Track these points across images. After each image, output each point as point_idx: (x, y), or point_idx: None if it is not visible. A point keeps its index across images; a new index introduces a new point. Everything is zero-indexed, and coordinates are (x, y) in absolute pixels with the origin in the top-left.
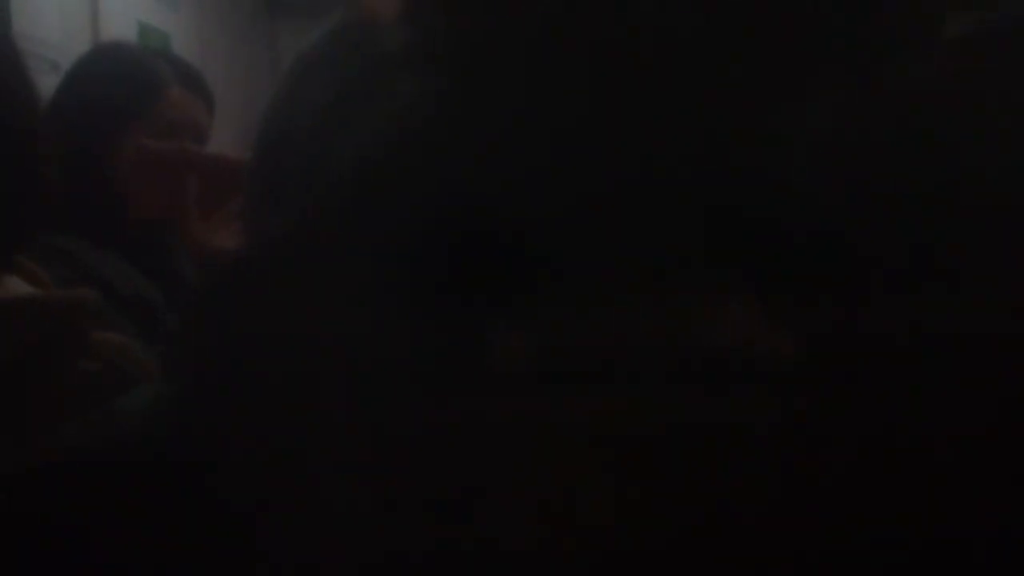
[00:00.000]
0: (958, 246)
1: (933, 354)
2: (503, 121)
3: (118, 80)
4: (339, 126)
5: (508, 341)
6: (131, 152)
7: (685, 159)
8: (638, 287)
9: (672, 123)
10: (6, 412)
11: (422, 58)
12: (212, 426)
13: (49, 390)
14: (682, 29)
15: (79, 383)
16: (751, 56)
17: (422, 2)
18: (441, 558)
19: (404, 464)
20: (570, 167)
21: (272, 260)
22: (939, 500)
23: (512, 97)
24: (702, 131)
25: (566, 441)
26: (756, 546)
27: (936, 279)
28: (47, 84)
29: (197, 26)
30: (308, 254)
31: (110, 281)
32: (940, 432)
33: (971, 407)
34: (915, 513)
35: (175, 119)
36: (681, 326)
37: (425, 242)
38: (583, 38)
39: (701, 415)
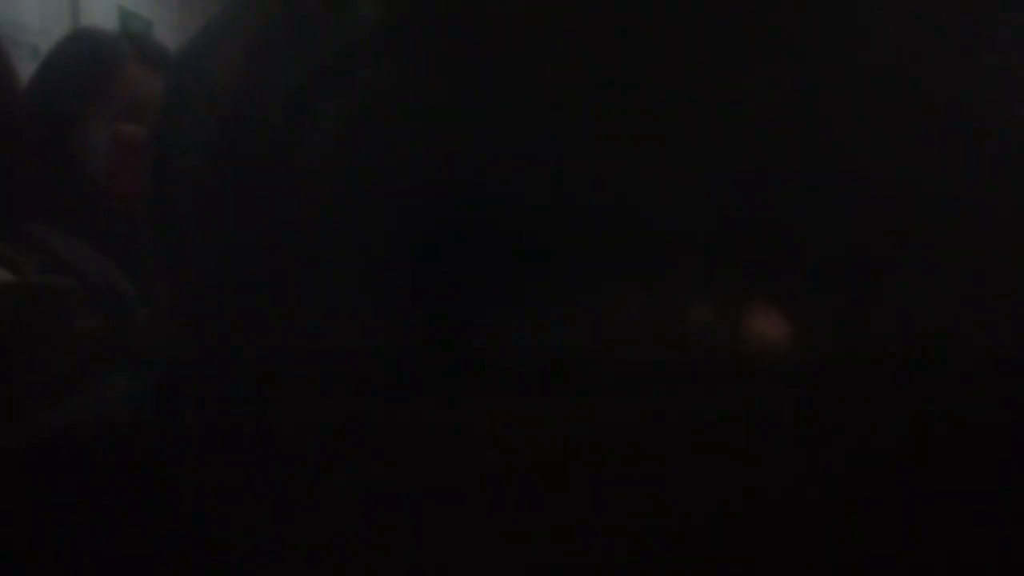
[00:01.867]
0: (970, 248)
1: (947, 357)
2: (487, 109)
3: (75, 63)
4: (305, 113)
5: (502, 338)
6: (106, 137)
7: (691, 155)
8: (641, 287)
9: (675, 117)
10: None
11: (394, 43)
12: (191, 416)
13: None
14: (677, 25)
15: (58, 371)
16: (748, 52)
17: None
18: (434, 558)
19: (394, 462)
20: (561, 157)
21: (252, 253)
22: (948, 503)
23: (496, 83)
24: (707, 126)
25: (561, 440)
26: (759, 551)
27: (946, 281)
28: (28, 70)
29: (179, 13)
30: (287, 248)
31: (81, 269)
32: (952, 434)
33: (983, 410)
34: (923, 516)
35: (136, 97)
36: (687, 328)
37: (412, 237)
38: (569, 26)
39: (708, 418)
